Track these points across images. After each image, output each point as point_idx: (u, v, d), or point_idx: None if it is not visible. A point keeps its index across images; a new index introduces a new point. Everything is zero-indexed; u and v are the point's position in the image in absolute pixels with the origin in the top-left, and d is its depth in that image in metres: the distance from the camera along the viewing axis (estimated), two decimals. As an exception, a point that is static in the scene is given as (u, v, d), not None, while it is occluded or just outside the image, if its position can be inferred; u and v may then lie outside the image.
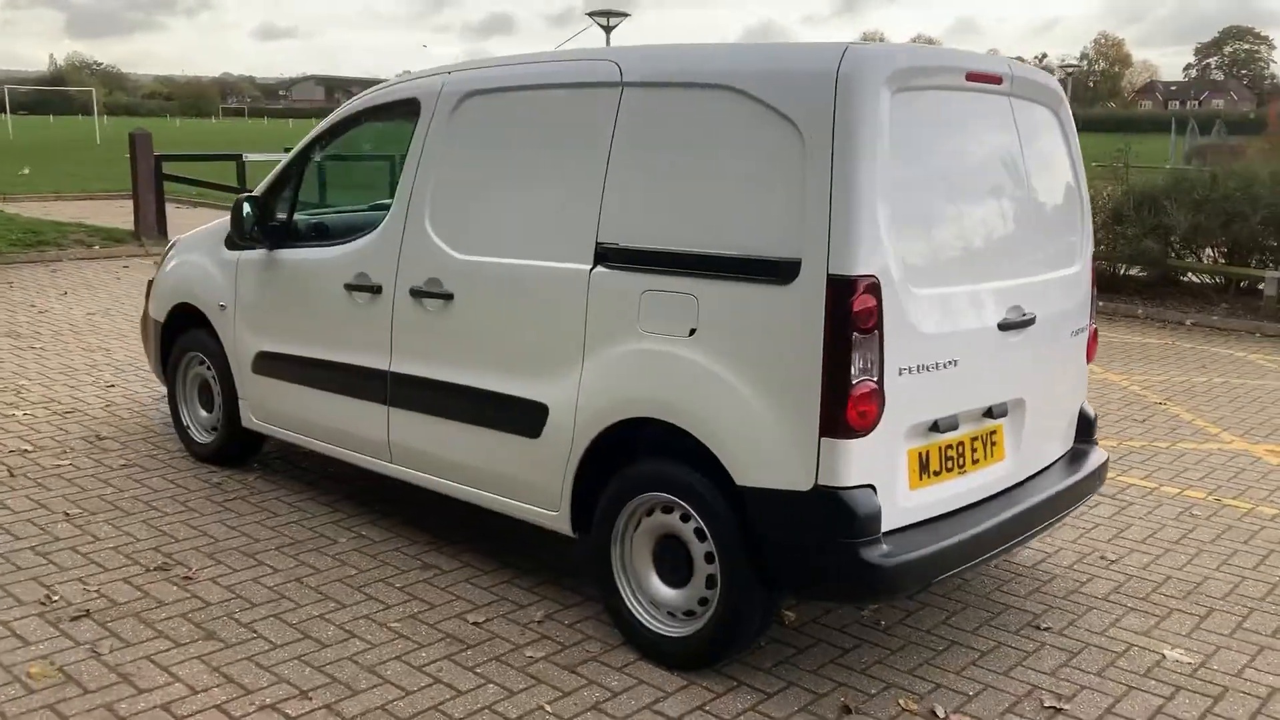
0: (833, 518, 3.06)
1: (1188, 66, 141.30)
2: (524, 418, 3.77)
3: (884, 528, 3.11)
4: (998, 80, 3.58)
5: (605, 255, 3.53)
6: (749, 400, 3.18)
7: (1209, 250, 11.67)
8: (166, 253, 5.66)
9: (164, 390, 6.53)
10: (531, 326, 3.75)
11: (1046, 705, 3.35)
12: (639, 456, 3.54)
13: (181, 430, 5.52)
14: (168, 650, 3.51)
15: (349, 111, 4.62)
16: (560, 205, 3.70)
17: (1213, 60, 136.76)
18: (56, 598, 3.85)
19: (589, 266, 3.57)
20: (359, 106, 4.59)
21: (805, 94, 3.11)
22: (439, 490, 4.21)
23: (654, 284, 3.39)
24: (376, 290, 4.26)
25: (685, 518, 3.41)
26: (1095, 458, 4.12)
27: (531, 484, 3.81)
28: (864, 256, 3.00)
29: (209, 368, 5.29)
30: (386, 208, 5.24)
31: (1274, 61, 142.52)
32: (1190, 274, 11.77)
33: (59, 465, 5.29)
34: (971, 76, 3.47)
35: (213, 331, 5.17)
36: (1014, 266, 3.62)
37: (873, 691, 3.41)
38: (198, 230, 5.62)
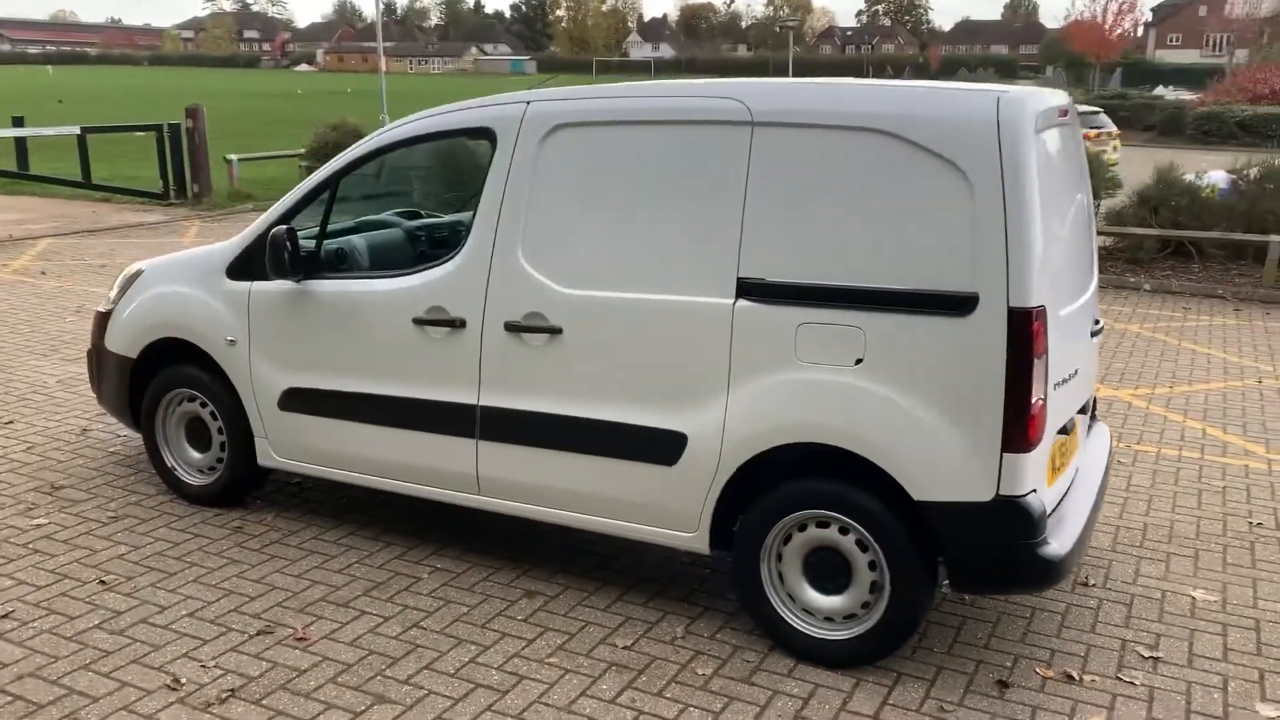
0: (1015, 522, 3.45)
1: (859, 12, 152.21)
2: (657, 447, 3.89)
3: (1043, 524, 3.54)
4: (1066, 113, 4.03)
5: (749, 289, 3.70)
6: (925, 422, 3.49)
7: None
8: (128, 282, 5.18)
9: (80, 424, 6.03)
10: (663, 358, 3.86)
11: (1146, 656, 3.93)
12: (785, 477, 3.77)
13: (165, 472, 5.13)
14: (353, 721, 3.42)
15: (399, 136, 4.43)
16: (690, 241, 3.81)
17: (880, 7, 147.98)
18: (183, 680, 3.61)
19: (731, 300, 3.73)
20: (413, 131, 4.41)
21: (969, 141, 3.41)
22: (539, 518, 4.25)
23: (813, 317, 3.61)
24: (458, 324, 4.19)
25: (844, 530, 3.69)
26: (1105, 431, 4.74)
27: (664, 508, 3.94)
28: (1036, 289, 3.36)
29: (203, 405, 4.95)
30: (382, 225, 5.11)
31: (931, 8, 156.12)
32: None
33: (40, 525, 4.80)
34: (1060, 113, 3.89)
35: (210, 367, 4.85)
36: (1086, 280, 4.12)
37: (1008, 664, 3.86)
38: (171, 258, 5.19)
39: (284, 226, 4.46)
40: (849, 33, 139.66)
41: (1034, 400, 3.39)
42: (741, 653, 3.88)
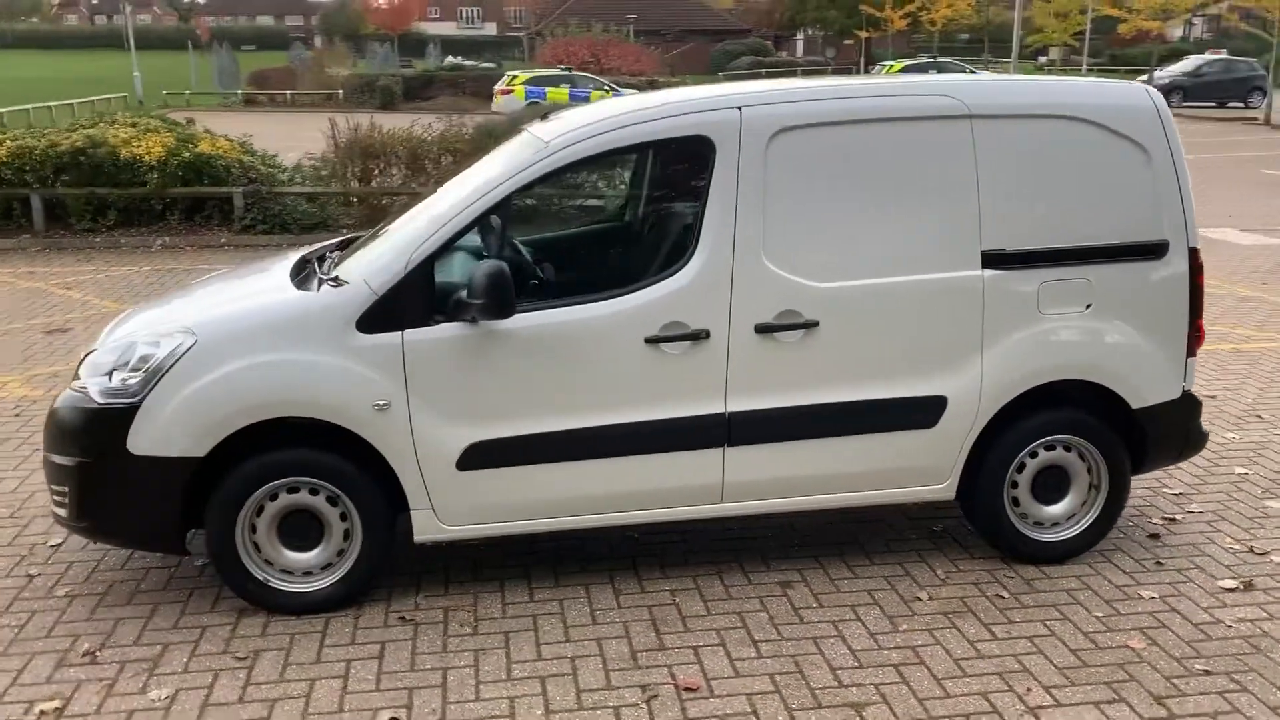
0: (1192, 408, 4.59)
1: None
2: (919, 413, 4.31)
3: (1185, 406, 4.70)
4: None
5: (994, 259, 4.28)
6: (1138, 345, 4.42)
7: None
8: (164, 362, 3.93)
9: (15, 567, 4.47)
10: (920, 332, 4.26)
11: (1175, 494, 5.32)
12: (1020, 416, 4.43)
13: (253, 587, 4.09)
14: (872, 730, 3.45)
15: (595, 149, 4.05)
16: (933, 224, 4.24)
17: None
18: (683, 763, 3.27)
19: (979, 271, 4.27)
20: (611, 143, 4.07)
21: (1143, 122, 4.37)
22: (785, 510, 4.39)
23: (1051, 275, 4.32)
24: (700, 336, 4.10)
25: (1068, 448, 4.50)
26: None
27: (922, 468, 4.38)
28: (1198, 231, 4.47)
29: (313, 492, 4.06)
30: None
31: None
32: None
33: (168, 696, 3.61)
34: None
35: (333, 445, 4.01)
36: None
37: (1136, 522, 4.98)
38: (233, 317, 4.10)
39: (499, 262, 3.88)
40: (96, 1, 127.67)
41: (1203, 313, 4.51)
42: (998, 573, 4.50)
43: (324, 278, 4.33)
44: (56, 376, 7.26)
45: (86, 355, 4.24)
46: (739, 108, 4.16)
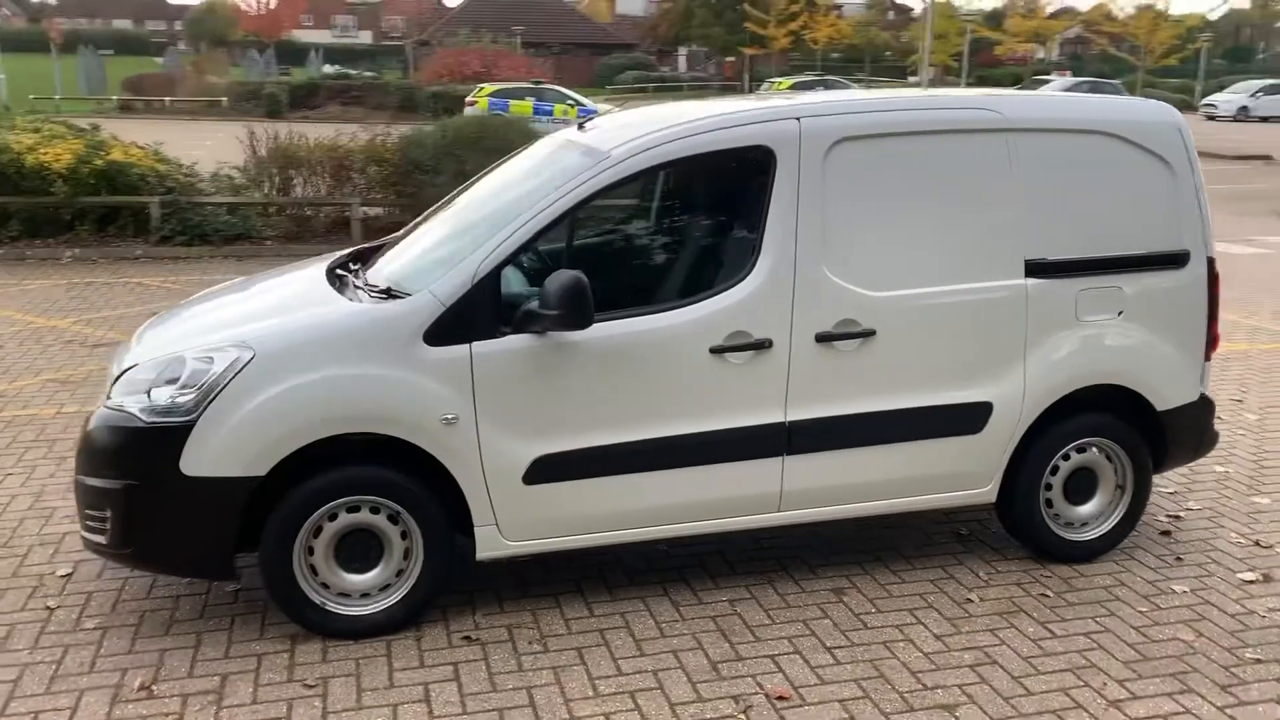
0: (1208, 409, 4.81)
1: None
2: (966, 419, 4.41)
3: (1196, 407, 4.93)
4: None
5: (1036, 268, 4.41)
6: (1162, 351, 4.62)
7: None
8: (221, 377, 3.72)
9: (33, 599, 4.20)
10: (968, 339, 4.36)
11: (1169, 493, 5.57)
12: (1054, 420, 4.57)
13: (310, 612, 3.92)
14: (971, 731, 3.51)
15: (664, 156, 4.02)
16: (980, 234, 4.35)
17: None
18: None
19: (1023, 280, 4.40)
20: (679, 151, 4.04)
21: (1167, 138, 4.58)
22: (837, 517, 4.42)
23: (1088, 284, 4.48)
24: (763, 346, 4.11)
25: (1096, 450, 4.67)
26: None
27: (966, 473, 4.48)
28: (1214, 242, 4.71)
29: (374, 511, 3.92)
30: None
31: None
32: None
33: (250, 729, 3.43)
34: None
35: (398, 460, 3.89)
36: None
37: (1145, 521, 5.19)
38: (289, 331, 3.90)
39: (577, 272, 3.80)
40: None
41: (1219, 320, 4.75)
42: (1036, 573, 4.62)
43: (368, 288, 4.20)
44: (2, 396, 6.81)
45: (125, 373, 4.00)
46: (798, 118, 4.20)
